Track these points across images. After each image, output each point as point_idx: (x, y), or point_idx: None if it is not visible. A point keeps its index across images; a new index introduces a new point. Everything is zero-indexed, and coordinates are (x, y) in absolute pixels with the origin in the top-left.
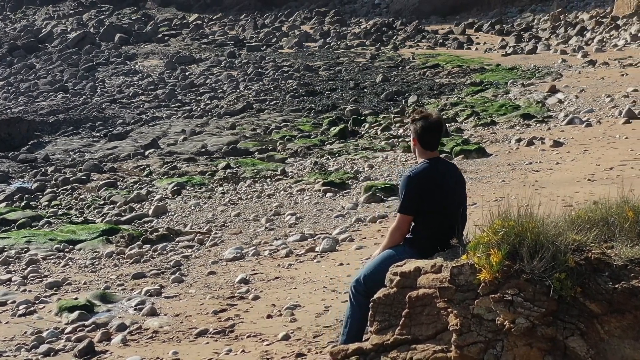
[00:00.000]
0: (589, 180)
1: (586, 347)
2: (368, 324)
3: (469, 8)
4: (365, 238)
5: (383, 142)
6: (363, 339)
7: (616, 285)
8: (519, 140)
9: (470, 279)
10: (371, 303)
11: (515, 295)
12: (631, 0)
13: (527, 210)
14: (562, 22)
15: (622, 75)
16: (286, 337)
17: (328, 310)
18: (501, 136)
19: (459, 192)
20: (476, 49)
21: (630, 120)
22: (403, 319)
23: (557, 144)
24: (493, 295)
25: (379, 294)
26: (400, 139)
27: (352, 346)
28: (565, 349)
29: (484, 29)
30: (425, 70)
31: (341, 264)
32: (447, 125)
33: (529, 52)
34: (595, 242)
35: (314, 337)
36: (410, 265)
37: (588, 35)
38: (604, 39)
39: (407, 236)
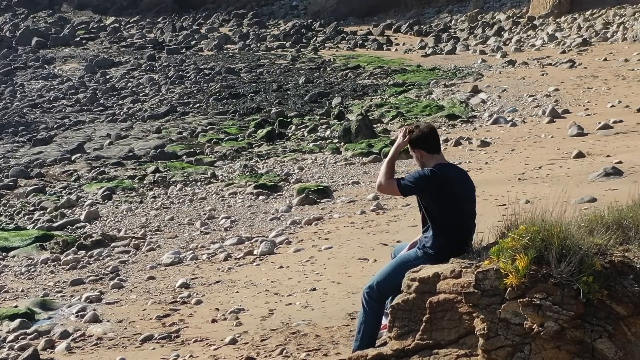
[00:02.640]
0: (519, 179)
1: (614, 349)
2: (387, 330)
3: (387, 9)
4: (302, 240)
5: (311, 144)
6: (376, 344)
7: None
8: (446, 141)
9: (496, 284)
10: (390, 309)
11: (543, 299)
12: (547, 0)
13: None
14: (480, 22)
15: (542, 74)
16: (233, 341)
17: (273, 314)
18: None
19: (471, 197)
20: (396, 49)
21: (554, 120)
22: (424, 324)
23: (484, 143)
24: (522, 300)
25: (398, 299)
26: (327, 141)
27: (372, 352)
28: (593, 351)
29: (402, 30)
30: (347, 71)
31: (281, 267)
32: (374, 126)
33: (448, 53)
34: (614, 246)
35: (262, 341)
36: (428, 271)
37: (506, 35)
38: (522, 39)
39: (425, 242)
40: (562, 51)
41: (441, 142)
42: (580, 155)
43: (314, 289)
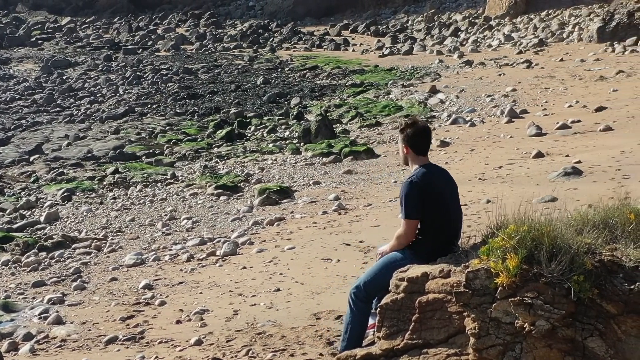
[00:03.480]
0: (479, 179)
1: (605, 347)
2: (375, 330)
3: (343, 9)
4: (265, 241)
5: (271, 145)
6: (363, 344)
7: (631, 287)
8: None
9: (486, 283)
10: (378, 309)
11: (534, 299)
12: (502, 1)
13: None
14: (436, 23)
15: (500, 75)
16: (199, 342)
17: (237, 314)
18: (388, 137)
19: (455, 196)
20: (353, 50)
21: (513, 120)
22: (413, 323)
23: (444, 144)
24: (513, 299)
25: (386, 299)
26: (287, 141)
27: (360, 351)
28: (584, 349)
29: (359, 30)
30: (305, 72)
31: (244, 268)
32: (334, 127)
33: (405, 53)
34: (602, 245)
35: (227, 342)
36: (416, 270)
37: (462, 35)
38: (479, 39)
39: (412, 242)
40: (519, 51)
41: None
42: (539, 155)
43: (278, 290)
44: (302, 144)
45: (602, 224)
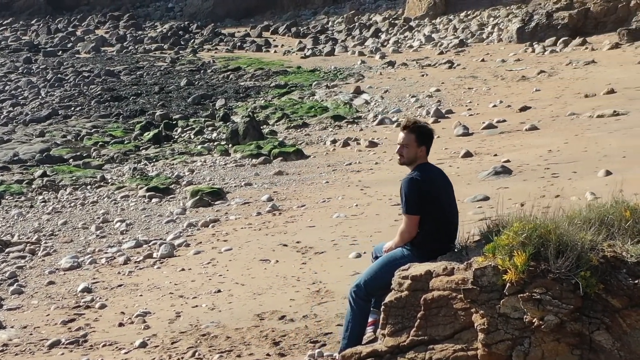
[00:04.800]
0: None
1: (612, 340)
2: (380, 327)
3: (263, 11)
4: (201, 243)
5: (199, 146)
6: (363, 342)
7: (635, 281)
8: (334, 142)
9: (494, 280)
10: (383, 307)
11: (543, 294)
12: (422, 2)
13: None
14: (357, 24)
15: (423, 75)
16: (143, 345)
17: (180, 316)
18: (316, 138)
19: (452, 194)
20: (275, 51)
21: (439, 120)
22: (419, 320)
23: (372, 144)
24: (522, 295)
25: (390, 297)
26: (215, 143)
27: (366, 349)
28: (591, 342)
29: (280, 32)
30: (228, 73)
31: (183, 270)
32: (261, 128)
33: (327, 54)
34: (601, 242)
35: (172, 343)
36: (419, 269)
37: (383, 36)
38: (399, 40)
39: (412, 241)
40: (440, 52)
41: (331, 143)
42: (468, 154)
43: (219, 291)
44: (230, 145)
45: (599, 222)
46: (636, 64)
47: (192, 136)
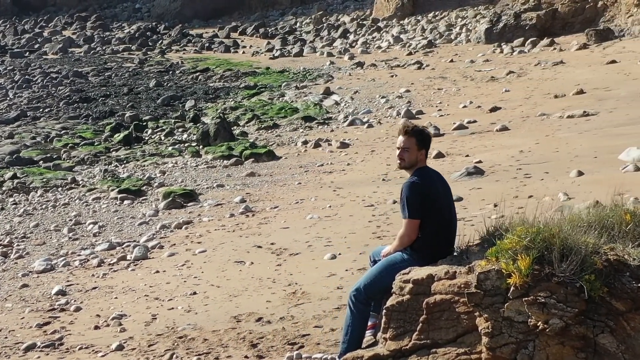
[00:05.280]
0: (383, 180)
1: (616, 343)
2: (381, 331)
3: (231, 12)
4: (175, 244)
5: (170, 148)
6: (362, 345)
7: (639, 285)
8: (305, 143)
9: (497, 284)
10: (384, 310)
11: (548, 298)
12: (390, 3)
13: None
14: (325, 24)
15: (392, 76)
16: (120, 348)
17: (156, 319)
18: (287, 139)
19: (451, 198)
20: (243, 52)
21: (410, 120)
22: (421, 324)
23: (343, 145)
24: (526, 298)
25: (392, 301)
26: (186, 144)
27: (367, 352)
28: (595, 345)
29: (248, 32)
30: (197, 74)
31: (157, 272)
32: (232, 129)
33: (296, 55)
34: (602, 245)
35: (149, 346)
36: (421, 272)
37: (352, 37)
38: (368, 41)
39: (412, 245)
40: (409, 53)
41: (302, 144)
42: (440, 155)
43: (195, 293)
44: (201, 146)
45: (599, 225)
46: (604, 65)
47: (163, 137)
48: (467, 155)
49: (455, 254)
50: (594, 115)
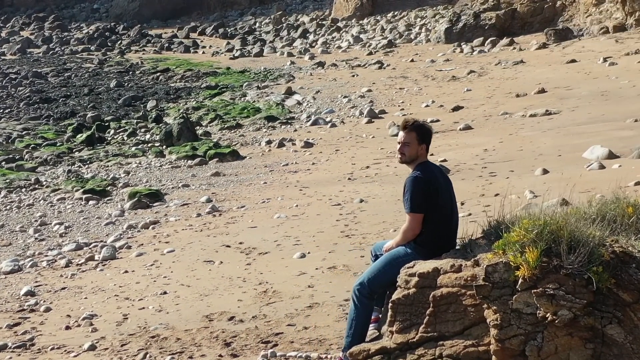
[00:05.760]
0: (349, 179)
1: (624, 334)
2: (387, 325)
3: (189, 12)
4: (142, 244)
5: (133, 148)
6: (366, 339)
7: None
8: (269, 142)
9: (505, 276)
10: (390, 304)
11: (556, 289)
12: (349, 3)
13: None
14: (284, 24)
15: (353, 76)
16: (92, 348)
17: (127, 318)
18: (250, 138)
19: (452, 192)
20: (203, 52)
21: (373, 120)
22: (428, 317)
23: (307, 144)
24: (535, 290)
25: (398, 294)
26: (150, 144)
27: (374, 346)
28: (603, 336)
29: (207, 33)
30: (157, 74)
31: (126, 272)
32: (195, 129)
33: (256, 55)
34: (605, 237)
35: (122, 346)
36: (426, 266)
37: (311, 37)
38: (328, 41)
39: (416, 239)
40: (369, 52)
41: (266, 144)
42: None
43: (165, 293)
44: (164, 146)
45: (600, 218)
46: (564, 64)
47: (126, 138)
48: (432, 154)
49: (457, 247)
50: (556, 114)
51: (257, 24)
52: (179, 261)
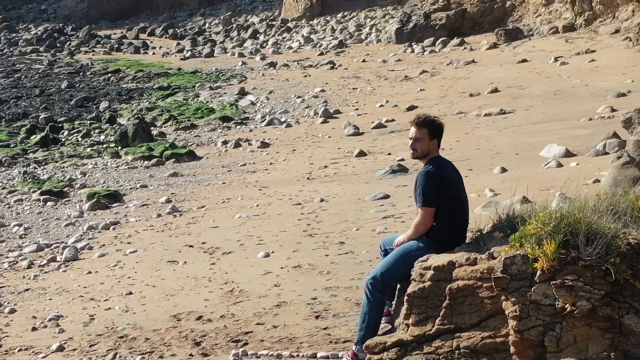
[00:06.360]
0: (308, 178)
1: None
2: (403, 317)
3: (138, 12)
4: (104, 245)
5: (88, 149)
6: (379, 333)
7: None
8: (225, 143)
9: (523, 268)
10: (406, 297)
11: (575, 281)
12: (298, 3)
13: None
14: (234, 25)
15: (305, 76)
16: (61, 348)
17: (94, 319)
18: (206, 139)
19: (463, 186)
20: (153, 53)
21: (328, 120)
22: (444, 309)
23: (264, 144)
24: (554, 282)
25: (413, 288)
26: (105, 145)
27: (390, 338)
28: (621, 326)
29: (157, 34)
30: (108, 75)
31: (90, 272)
32: (151, 130)
33: (207, 56)
34: (621, 229)
35: (91, 346)
36: (440, 259)
37: (262, 37)
38: (278, 41)
39: (428, 233)
40: (320, 53)
41: (222, 144)
42: (362, 153)
43: (131, 293)
44: (120, 147)
45: (610, 211)
46: (516, 64)
47: (80, 139)
48: (389, 154)
49: (468, 241)
50: (510, 113)
51: (207, 25)
52: (142, 261)
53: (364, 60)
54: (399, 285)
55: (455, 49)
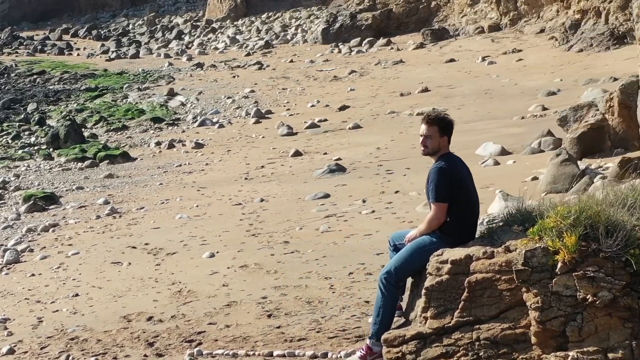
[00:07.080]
0: (246, 179)
1: None
2: (421, 310)
3: (60, 14)
4: (45, 247)
5: (20, 151)
6: (392, 326)
7: None
8: (159, 144)
9: (544, 261)
10: (424, 291)
11: (596, 272)
12: (223, 4)
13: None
14: (158, 26)
15: (234, 77)
16: (11, 351)
17: (42, 321)
18: (138, 140)
19: (472, 181)
20: (78, 54)
21: (260, 120)
22: (463, 302)
23: (198, 145)
24: (575, 273)
25: (430, 281)
26: (36, 147)
27: (409, 331)
28: None
29: (80, 35)
30: (34, 77)
31: (33, 275)
32: (83, 131)
33: (132, 57)
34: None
35: (42, 349)
36: (456, 253)
37: (187, 38)
38: (204, 42)
39: (441, 227)
40: (247, 53)
41: (155, 145)
42: (298, 153)
43: (77, 295)
44: (52, 149)
45: (620, 205)
46: (444, 63)
47: (10, 141)
48: (325, 153)
49: (479, 235)
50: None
51: (131, 26)
52: (86, 263)
53: (291, 61)
54: (410, 280)
55: (382, 49)
